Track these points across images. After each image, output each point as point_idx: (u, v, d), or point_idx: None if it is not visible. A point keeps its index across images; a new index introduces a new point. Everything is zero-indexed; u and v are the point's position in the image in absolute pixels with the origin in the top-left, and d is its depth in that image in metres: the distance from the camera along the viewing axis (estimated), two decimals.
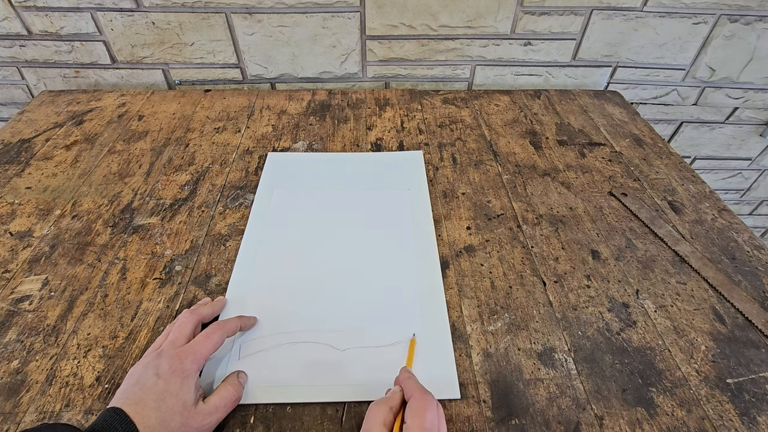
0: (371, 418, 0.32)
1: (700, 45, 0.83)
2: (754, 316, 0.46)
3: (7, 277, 0.48)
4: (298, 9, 0.76)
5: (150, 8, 0.76)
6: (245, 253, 0.52)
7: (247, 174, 0.64)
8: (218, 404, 0.35)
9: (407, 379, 0.35)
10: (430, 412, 0.32)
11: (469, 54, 0.84)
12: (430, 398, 0.33)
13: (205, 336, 0.38)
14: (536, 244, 0.54)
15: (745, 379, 0.41)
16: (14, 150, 0.67)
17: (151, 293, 0.47)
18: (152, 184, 0.61)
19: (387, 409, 0.33)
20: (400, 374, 0.37)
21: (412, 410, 0.32)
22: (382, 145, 0.70)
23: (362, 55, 0.83)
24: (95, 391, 0.39)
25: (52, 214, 0.56)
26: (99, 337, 0.43)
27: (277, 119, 0.75)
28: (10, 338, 0.43)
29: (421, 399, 0.33)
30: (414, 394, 0.33)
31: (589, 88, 0.89)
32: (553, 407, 0.39)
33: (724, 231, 0.56)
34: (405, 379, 0.36)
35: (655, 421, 0.38)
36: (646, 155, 0.69)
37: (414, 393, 0.33)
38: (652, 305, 0.47)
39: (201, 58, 0.82)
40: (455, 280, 0.49)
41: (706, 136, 0.98)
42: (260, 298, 0.47)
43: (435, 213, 0.58)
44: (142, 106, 0.78)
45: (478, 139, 0.72)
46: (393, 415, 0.33)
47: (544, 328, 0.45)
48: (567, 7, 0.78)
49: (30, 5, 0.74)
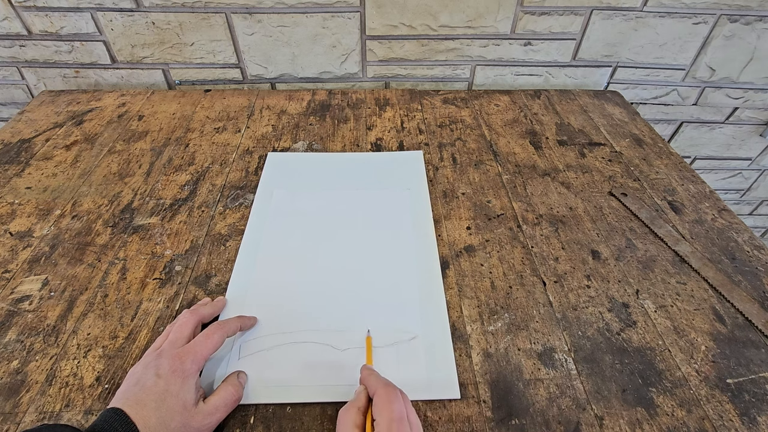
0: (342, 424, 0.32)
1: (700, 45, 0.83)
2: (754, 316, 0.46)
3: (7, 277, 0.48)
4: (298, 9, 0.76)
5: (150, 8, 0.76)
6: (245, 253, 0.52)
7: (247, 174, 0.64)
8: (219, 404, 0.35)
9: (368, 376, 0.36)
10: (396, 403, 0.32)
11: (469, 54, 0.84)
12: (392, 389, 0.33)
13: (205, 336, 0.38)
14: (536, 244, 0.54)
15: (745, 379, 0.41)
16: (14, 150, 0.67)
17: (151, 293, 0.47)
18: (152, 184, 0.61)
19: (355, 411, 0.33)
20: (361, 373, 0.37)
21: (377, 406, 0.32)
22: (382, 145, 0.70)
23: (362, 55, 0.83)
24: (95, 391, 0.39)
25: (52, 214, 0.56)
26: (99, 337, 0.43)
27: (277, 119, 0.75)
28: (10, 338, 0.43)
29: (385, 393, 0.33)
30: (377, 390, 0.34)
31: (589, 88, 0.89)
32: (553, 407, 0.39)
33: (724, 231, 0.56)
34: (366, 376, 0.36)
35: (655, 422, 0.38)
36: (646, 155, 0.69)
37: (377, 389, 0.34)
38: (652, 305, 0.47)
39: (201, 58, 0.82)
40: (455, 280, 0.49)
41: (706, 136, 0.99)
42: (260, 298, 0.47)
43: (435, 213, 0.58)
44: (142, 106, 0.78)
45: (478, 139, 0.72)
46: (362, 415, 0.33)
47: (544, 328, 0.45)
48: (567, 7, 0.78)
49: (30, 5, 0.74)
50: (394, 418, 0.31)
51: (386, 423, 0.31)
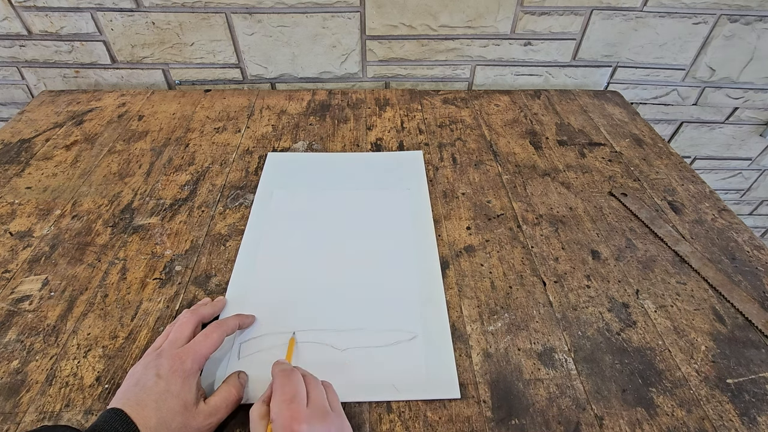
0: (251, 419, 0.33)
1: (700, 45, 0.83)
2: (754, 316, 0.46)
3: (7, 277, 0.48)
4: (298, 9, 0.76)
5: (150, 8, 0.76)
6: (245, 253, 0.52)
7: (247, 174, 0.64)
8: (220, 405, 0.35)
9: (273, 368, 0.36)
10: (288, 385, 0.33)
11: (469, 54, 0.84)
12: (288, 372, 0.34)
13: (204, 336, 0.38)
14: (536, 244, 0.54)
15: (745, 379, 0.41)
16: (14, 150, 0.67)
17: (151, 293, 0.47)
18: (152, 184, 0.61)
19: (260, 403, 0.34)
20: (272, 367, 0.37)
21: (273, 391, 0.33)
22: (382, 145, 0.70)
23: (362, 55, 0.83)
24: (95, 391, 0.39)
25: (52, 214, 0.56)
26: (99, 337, 0.43)
27: (277, 119, 0.75)
28: (10, 338, 0.43)
29: (279, 377, 0.34)
30: (274, 377, 0.35)
31: (589, 88, 0.89)
32: (553, 407, 0.39)
33: (724, 231, 0.56)
34: (272, 369, 0.36)
35: (655, 422, 0.38)
36: (646, 155, 0.69)
37: (274, 376, 0.35)
38: (652, 305, 0.47)
39: (201, 58, 0.82)
40: (455, 280, 0.49)
41: (706, 136, 0.99)
42: (260, 298, 0.47)
43: (435, 213, 0.58)
44: (142, 106, 0.78)
45: (478, 139, 0.72)
46: (267, 405, 0.34)
47: (544, 328, 0.45)
48: (567, 7, 0.78)
49: (30, 5, 0.74)
50: (284, 399, 0.32)
51: (277, 406, 0.32)
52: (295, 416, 0.31)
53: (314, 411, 0.32)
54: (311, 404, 0.32)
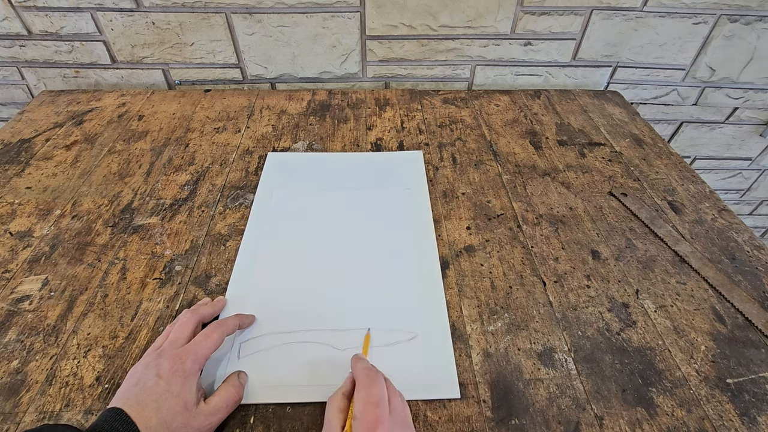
0: (328, 409, 0.34)
1: (700, 45, 0.83)
2: (754, 316, 0.46)
3: (7, 277, 0.48)
4: (298, 9, 0.76)
5: (150, 8, 0.76)
6: (245, 253, 0.52)
7: (247, 174, 0.64)
8: (220, 405, 0.35)
9: (355, 363, 0.36)
10: (374, 387, 0.33)
11: (469, 54, 0.84)
12: (373, 374, 0.34)
13: (204, 335, 0.38)
14: (536, 244, 0.54)
15: (745, 379, 0.41)
16: (14, 150, 0.67)
17: (151, 293, 0.47)
18: (152, 184, 0.61)
19: (340, 396, 0.34)
20: (351, 361, 0.38)
21: (357, 390, 0.33)
22: (382, 145, 0.70)
23: (362, 55, 0.83)
24: (95, 391, 0.39)
25: (52, 214, 0.56)
26: (99, 337, 0.43)
27: (277, 119, 0.75)
28: (10, 338, 0.43)
29: (365, 377, 0.34)
30: (359, 375, 0.34)
31: (589, 88, 0.89)
32: (553, 407, 0.39)
33: (724, 231, 0.56)
34: (354, 363, 0.37)
35: (655, 421, 0.38)
36: (646, 155, 0.69)
37: (359, 374, 0.35)
38: (652, 305, 0.47)
39: (201, 58, 0.82)
40: (455, 280, 0.49)
41: (706, 136, 0.99)
42: (260, 298, 0.47)
43: (435, 213, 0.58)
44: (142, 106, 0.78)
45: (478, 139, 0.72)
46: (347, 399, 0.34)
47: (544, 328, 0.45)
48: (567, 7, 0.78)
49: (30, 5, 0.74)
50: (370, 401, 0.32)
51: (362, 405, 0.32)
52: (380, 420, 0.31)
53: (396, 419, 0.32)
54: (393, 412, 0.32)
